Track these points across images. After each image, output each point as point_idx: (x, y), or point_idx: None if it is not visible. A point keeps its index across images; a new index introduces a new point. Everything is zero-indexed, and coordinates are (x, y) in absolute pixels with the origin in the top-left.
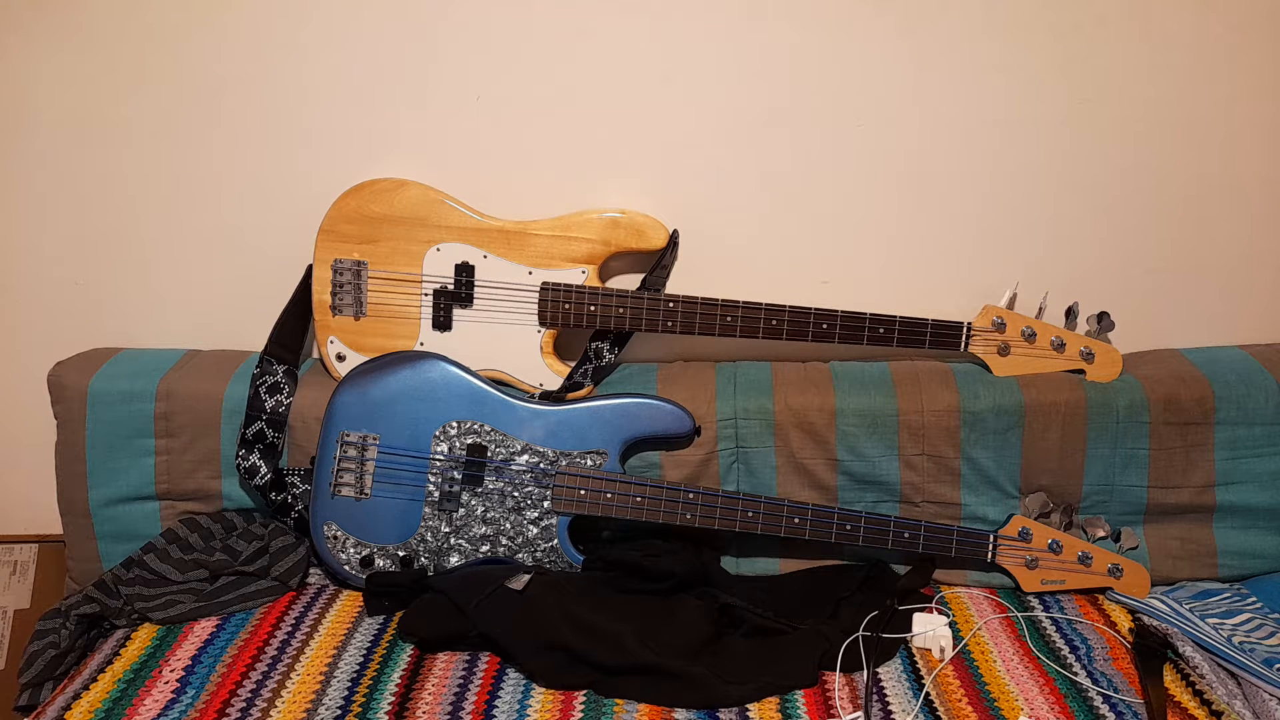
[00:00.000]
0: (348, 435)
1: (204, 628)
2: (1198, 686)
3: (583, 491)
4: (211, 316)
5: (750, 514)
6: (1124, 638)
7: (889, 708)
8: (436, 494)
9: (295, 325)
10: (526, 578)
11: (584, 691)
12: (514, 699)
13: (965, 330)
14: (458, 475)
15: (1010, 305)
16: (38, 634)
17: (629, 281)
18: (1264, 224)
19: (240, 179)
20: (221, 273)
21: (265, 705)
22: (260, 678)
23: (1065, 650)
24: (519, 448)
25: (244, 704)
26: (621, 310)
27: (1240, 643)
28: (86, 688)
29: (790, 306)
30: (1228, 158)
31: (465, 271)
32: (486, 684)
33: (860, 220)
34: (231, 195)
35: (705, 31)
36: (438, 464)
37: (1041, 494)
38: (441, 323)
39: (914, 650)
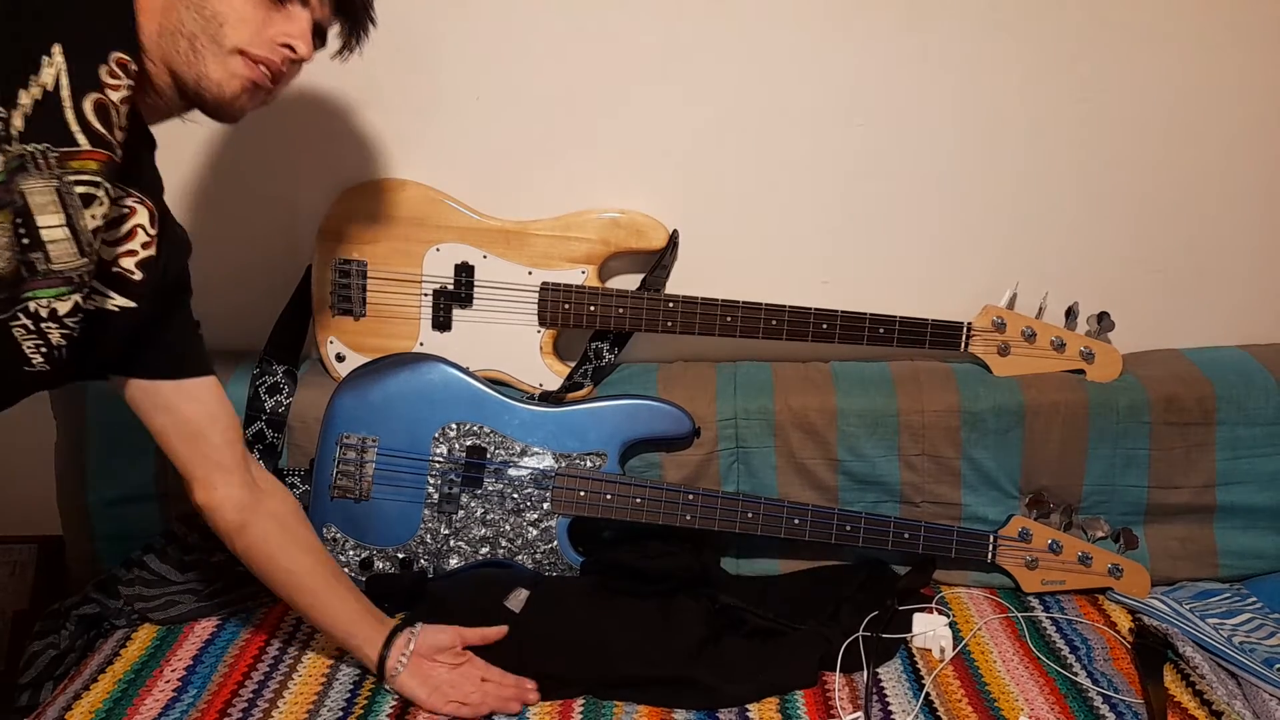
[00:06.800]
0: (347, 437)
1: (204, 628)
2: (1198, 687)
3: (582, 493)
4: (211, 316)
5: (750, 515)
6: (1124, 638)
7: (889, 708)
8: (436, 496)
9: (295, 325)
10: (524, 596)
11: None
12: None
13: (965, 330)
14: (457, 477)
15: (1010, 305)
16: (37, 634)
17: (629, 281)
18: (1265, 224)
19: (240, 178)
20: (221, 273)
21: (267, 706)
22: (261, 679)
23: (1065, 650)
24: (518, 449)
25: (245, 705)
26: (621, 310)
27: (1240, 643)
28: (87, 688)
29: (790, 306)
30: (1229, 157)
31: (465, 271)
32: None
33: (860, 220)
34: (231, 195)
35: (705, 30)
36: (437, 466)
37: (1042, 494)
38: (441, 323)
39: (914, 650)
